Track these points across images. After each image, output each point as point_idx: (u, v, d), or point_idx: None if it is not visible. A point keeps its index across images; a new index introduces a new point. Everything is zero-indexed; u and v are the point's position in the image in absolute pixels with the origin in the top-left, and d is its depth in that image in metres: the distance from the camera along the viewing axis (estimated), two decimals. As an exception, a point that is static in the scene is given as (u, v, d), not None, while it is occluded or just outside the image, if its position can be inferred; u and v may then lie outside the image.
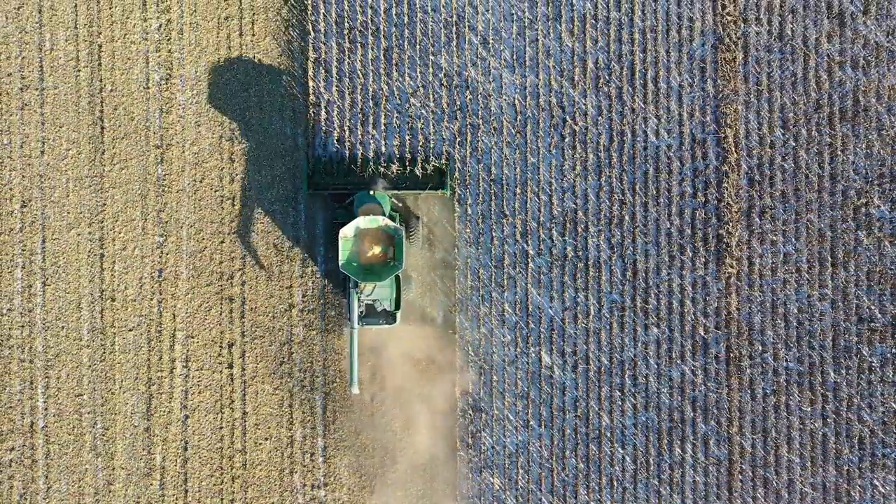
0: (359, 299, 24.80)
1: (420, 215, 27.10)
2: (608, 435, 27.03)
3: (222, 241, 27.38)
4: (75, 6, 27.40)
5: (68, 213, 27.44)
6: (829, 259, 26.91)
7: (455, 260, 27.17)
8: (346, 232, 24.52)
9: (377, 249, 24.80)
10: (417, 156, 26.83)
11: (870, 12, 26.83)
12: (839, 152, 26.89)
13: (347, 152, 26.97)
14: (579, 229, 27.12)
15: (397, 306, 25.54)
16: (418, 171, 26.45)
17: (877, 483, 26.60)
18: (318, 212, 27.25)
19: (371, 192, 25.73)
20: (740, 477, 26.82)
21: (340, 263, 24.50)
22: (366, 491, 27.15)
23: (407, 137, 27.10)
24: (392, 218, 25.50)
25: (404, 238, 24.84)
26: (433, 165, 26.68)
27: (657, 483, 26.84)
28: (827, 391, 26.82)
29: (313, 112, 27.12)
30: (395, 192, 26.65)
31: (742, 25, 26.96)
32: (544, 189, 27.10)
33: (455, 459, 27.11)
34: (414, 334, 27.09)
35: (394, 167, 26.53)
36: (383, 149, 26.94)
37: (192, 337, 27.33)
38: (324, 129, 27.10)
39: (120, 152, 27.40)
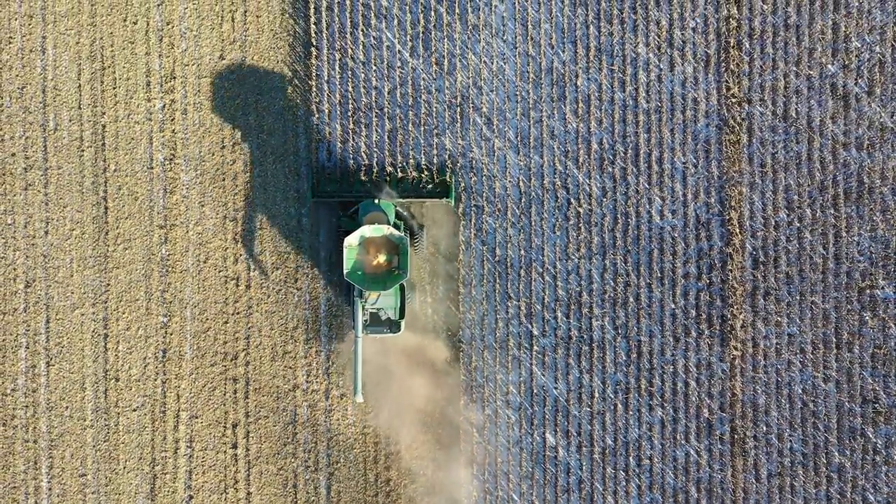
0: (363, 308, 24.71)
1: (424, 223, 27.05)
2: (612, 516, 27.04)
3: (226, 322, 27.37)
4: (79, 86, 27.37)
5: (72, 293, 27.42)
6: (834, 340, 26.90)
7: (460, 342, 27.17)
8: (351, 240, 24.50)
9: (382, 258, 24.80)
10: (421, 166, 26.83)
11: (874, 94, 26.80)
12: (843, 233, 26.87)
13: (351, 161, 26.87)
14: (584, 310, 27.10)
15: (402, 315, 25.50)
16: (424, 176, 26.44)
17: (881, 565, 26.65)
18: (322, 293, 27.23)
19: (376, 201, 25.67)
20: (745, 559, 26.88)
21: (345, 272, 24.47)
22: (370, 572, 27.21)
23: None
24: (396, 226, 25.47)
25: (409, 246, 24.77)
26: (437, 177, 26.69)
27: (662, 565, 26.90)
28: (832, 472, 26.80)
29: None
30: (400, 200, 26.60)
31: (746, 106, 26.94)
32: (549, 270, 27.09)
33: (459, 539, 27.17)
34: (419, 414, 27.11)
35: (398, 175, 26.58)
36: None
37: (197, 417, 27.32)
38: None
39: (124, 232, 27.39)
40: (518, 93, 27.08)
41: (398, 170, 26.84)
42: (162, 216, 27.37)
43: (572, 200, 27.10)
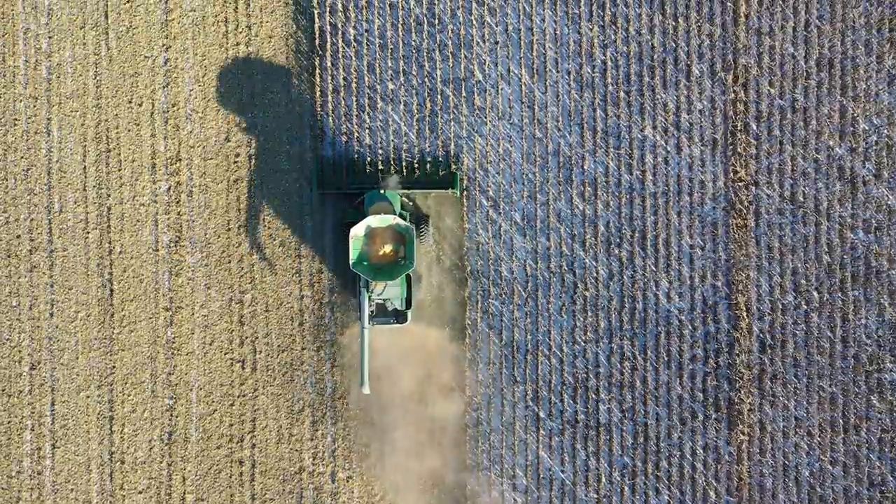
0: (369, 298, 24.64)
1: (430, 214, 26.90)
2: None
3: (232, 404, 27.30)
4: (84, 168, 27.31)
5: (77, 375, 27.37)
6: (841, 423, 26.83)
7: (466, 424, 27.11)
8: (357, 231, 24.30)
9: (388, 248, 24.68)
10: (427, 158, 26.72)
11: (882, 177, 26.73)
12: (851, 316, 26.80)
13: (356, 154, 26.78)
14: (590, 394, 27.03)
15: (408, 305, 25.40)
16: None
17: None
18: (326, 373, 27.18)
19: (381, 191, 25.58)
20: None
21: (351, 262, 24.27)
22: None
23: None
24: (402, 217, 25.35)
25: (415, 237, 24.70)
26: (442, 169, 26.66)
27: None
28: (839, 556, 26.79)
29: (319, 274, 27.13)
30: (405, 191, 26.47)
31: (754, 189, 26.86)
32: (555, 353, 27.02)
33: None
34: (425, 496, 27.08)
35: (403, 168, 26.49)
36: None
37: (202, 500, 27.25)
38: (333, 288, 27.11)
39: (129, 315, 27.33)
40: (524, 175, 27.01)
41: (403, 163, 26.70)
42: (167, 298, 27.31)
43: (579, 283, 27.03)
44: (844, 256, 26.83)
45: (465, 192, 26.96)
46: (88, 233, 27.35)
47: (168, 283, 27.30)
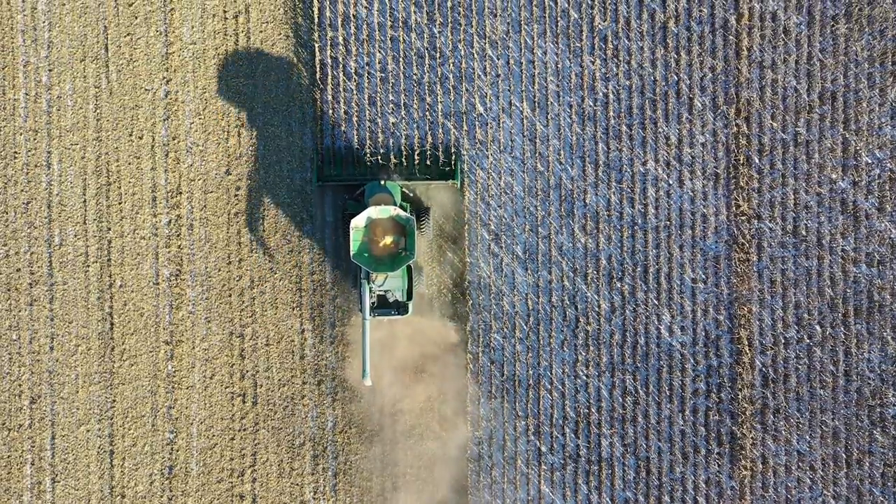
0: (370, 290, 24.51)
1: (431, 206, 26.76)
2: None
3: (232, 438, 27.22)
4: (84, 201, 27.23)
5: (77, 409, 27.28)
6: (844, 458, 26.74)
7: (468, 458, 27.02)
8: (358, 222, 24.19)
9: (389, 239, 24.55)
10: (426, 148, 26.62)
11: (885, 210, 26.64)
12: (853, 350, 26.70)
13: (356, 145, 26.67)
14: (592, 428, 26.94)
15: (409, 297, 25.28)
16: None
17: None
18: (327, 407, 27.10)
19: (381, 182, 25.46)
20: None
21: (352, 254, 24.18)
22: None
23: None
24: (402, 208, 25.23)
25: (416, 228, 24.57)
26: (442, 159, 26.55)
27: None
28: (841, 591, 26.70)
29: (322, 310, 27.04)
30: (405, 182, 26.37)
31: (756, 223, 26.78)
32: (557, 387, 26.93)
33: None
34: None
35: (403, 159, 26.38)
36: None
37: (203, 534, 27.21)
38: (337, 324, 27.03)
39: (129, 348, 27.25)
40: (526, 208, 26.93)
41: (403, 154, 26.59)
42: (168, 332, 27.22)
43: (580, 317, 26.94)
44: (847, 290, 26.74)
45: (467, 225, 26.88)
46: (89, 266, 27.27)
47: (168, 317, 27.22)
